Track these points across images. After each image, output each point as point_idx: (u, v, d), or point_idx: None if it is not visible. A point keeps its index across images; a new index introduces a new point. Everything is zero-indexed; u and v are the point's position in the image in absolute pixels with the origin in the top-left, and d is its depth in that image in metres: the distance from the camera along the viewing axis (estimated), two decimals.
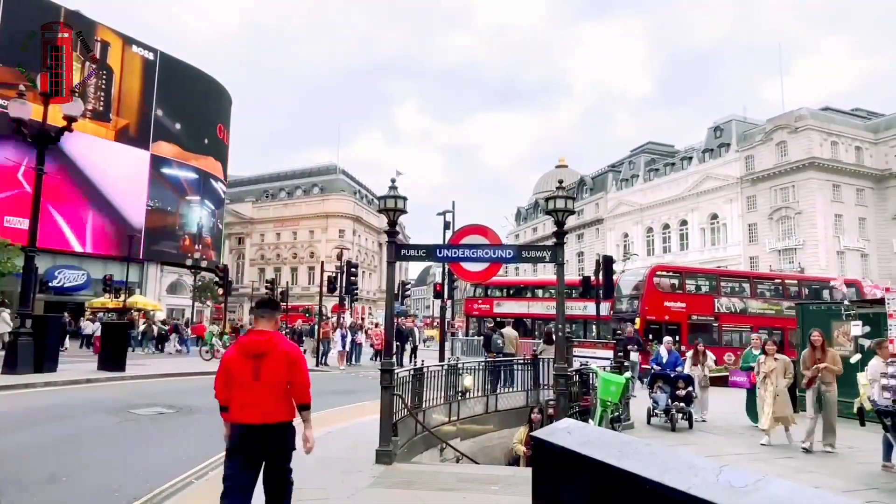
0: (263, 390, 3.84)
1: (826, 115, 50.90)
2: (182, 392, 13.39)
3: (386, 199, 7.41)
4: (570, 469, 2.47)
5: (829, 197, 47.57)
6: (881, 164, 47.08)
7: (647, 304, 21.45)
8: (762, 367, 9.08)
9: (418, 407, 9.39)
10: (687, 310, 21.34)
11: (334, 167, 79.07)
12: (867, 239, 48.15)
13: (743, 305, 22.58)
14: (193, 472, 6.57)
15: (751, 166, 51.32)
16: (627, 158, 70.15)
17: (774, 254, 48.70)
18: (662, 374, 10.92)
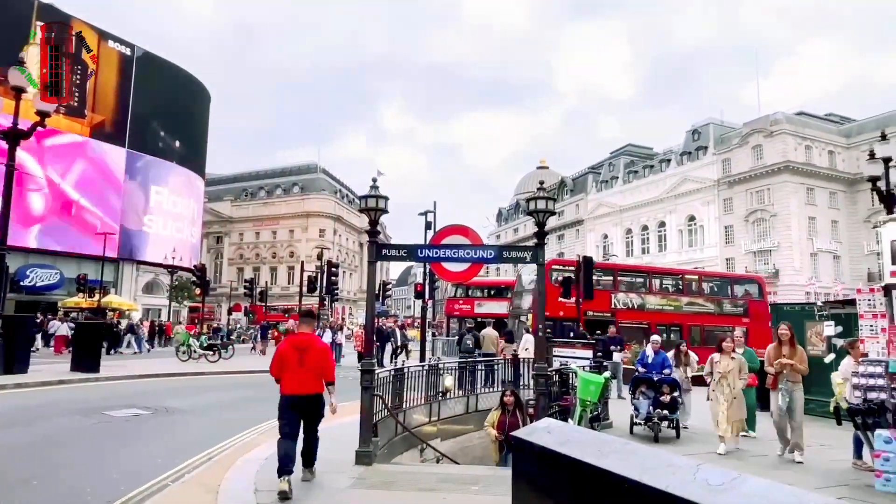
0: (306, 373, 5.80)
1: (801, 120, 51.97)
2: (159, 393, 13.18)
3: (367, 198, 7.37)
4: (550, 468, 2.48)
5: (803, 200, 48.57)
6: (853, 168, 48.20)
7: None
8: (718, 366, 8.26)
9: (399, 407, 9.36)
10: (583, 305, 20.65)
11: (315, 166, 78.52)
12: (839, 241, 49.26)
13: (641, 301, 22.06)
14: (169, 475, 6.46)
15: (727, 169, 52.18)
16: (607, 160, 70.82)
17: (750, 255, 49.58)
18: (645, 378, 9.86)
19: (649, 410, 9.26)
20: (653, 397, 9.43)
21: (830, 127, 54.01)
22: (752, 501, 1.77)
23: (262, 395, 13.84)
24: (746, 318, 22.79)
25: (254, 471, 6.49)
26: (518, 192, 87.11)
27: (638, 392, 9.72)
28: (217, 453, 7.62)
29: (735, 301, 23.73)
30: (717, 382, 8.19)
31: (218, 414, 11.17)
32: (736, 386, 8.07)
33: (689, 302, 22.47)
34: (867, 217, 46.71)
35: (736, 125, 55.03)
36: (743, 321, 22.40)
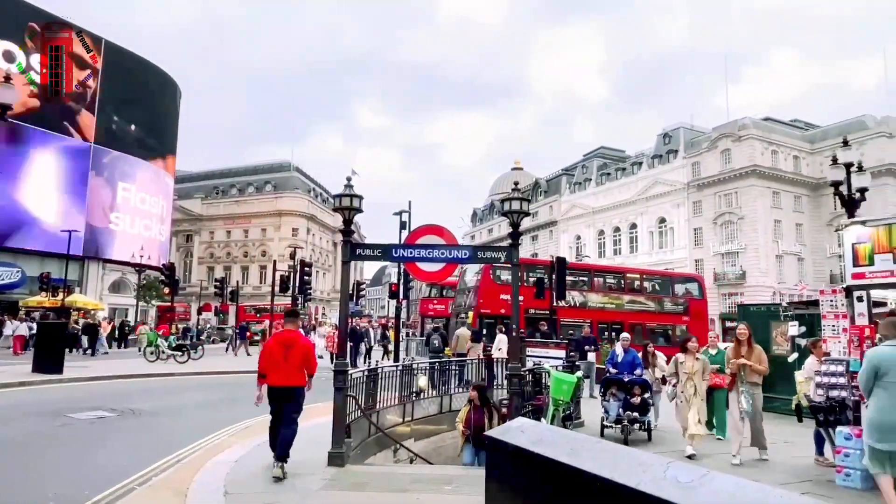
0: (289, 367, 6.36)
1: (767, 125, 53.34)
2: (126, 395, 12.87)
3: (341, 197, 7.32)
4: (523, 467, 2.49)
5: (769, 203, 49.85)
6: (817, 173, 49.67)
7: (482, 297, 20.60)
8: (683, 367, 8.00)
9: (372, 408, 9.31)
10: (524, 303, 20.40)
11: (288, 164, 77.61)
12: (803, 244, 50.69)
13: (583, 299, 21.75)
14: (136, 478, 6.31)
15: (697, 172, 53.27)
16: (581, 162, 71.62)
17: (718, 257, 50.66)
18: (616, 380, 9.56)
19: (619, 412, 9.08)
20: (623, 399, 9.21)
21: (795, 132, 55.58)
22: (720, 498, 1.81)
23: (233, 396, 13.63)
24: (686, 316, 22.92)
25: (224, 473, 6.38)
26: (493, 193, 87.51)
27: (608, 394, 9.48)
28: (186, 456, 7.47)
29: (675, 299, 23.72)
30: (683, 384, 7.98)
31: (187, 416, 10.95)
32: (700, 387, 7.91)
33: (631, 300, 22.47)
34: (830, 220, 48.18)
35: (705, 130, 56.22)
36: (683, 319, 22.68)
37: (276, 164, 78.45)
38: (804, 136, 55.18)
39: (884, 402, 4.84)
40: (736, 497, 1.77)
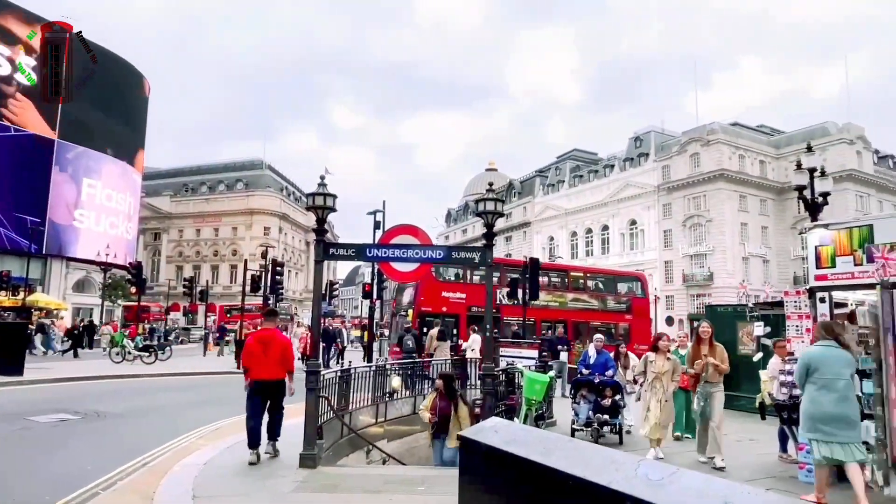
0: (269, 362, 6.94)
1: (735, 130, 54.65)
2: (90, 397, 12.52)
3: (314, 196, 7.24)
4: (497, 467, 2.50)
5: (736, 206, 51.07)
6: (782, 178, 51.07)
7: (424, 295, 19.85)
8: (652, 366, 7.55)
9: (345, 409, 9.24)
10: (467, 301, 19.70)
11: (260, 162, 76.54)
12: (769, 246, 52.06)
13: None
14: (100, 483, 6.13)
15: (667, 175, 54.27)
16: (554, 164, 72.31)
17: (687, 259, 51.69)
18: (585, 381, 9.33)
19: (589, 415, 8.83)
20: (594, 401, 8.95)
21: (762, 138, 57.07)
22: (689, 494, 1.84)
23: (203, 397, 13.40)
24: (629, 314, 22.84)
25: (192, 476, 6.25)
26: (467, 194, 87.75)
27: (578, 395, 9.20)
28: (153, 459, 7.30)
29: (618, 298, 23.54)
30: (651, 383, 7.55)
31: (154, 418, 10.71)
32: (669, 388, 7.48)
33: (575, 298, 22.17)
34: (794, 224, 49.58)
35: (675, 134, 57.33)
36: (626, 318, 22.56)
37: (247, 161, 77.28)
38: (770, 141, 56.70)
39: (814, 396, 5.39)
40: (704, 493, 1.80)
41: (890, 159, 59.85)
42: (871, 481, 5.66)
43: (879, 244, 6.20)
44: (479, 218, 7.78)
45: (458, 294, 19.90)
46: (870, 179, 52.33)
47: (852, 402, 5.40)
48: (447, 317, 19.35)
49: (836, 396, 5.27)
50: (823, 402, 5.29)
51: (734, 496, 1.74)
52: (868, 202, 51.61)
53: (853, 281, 6.42)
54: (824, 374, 5.34)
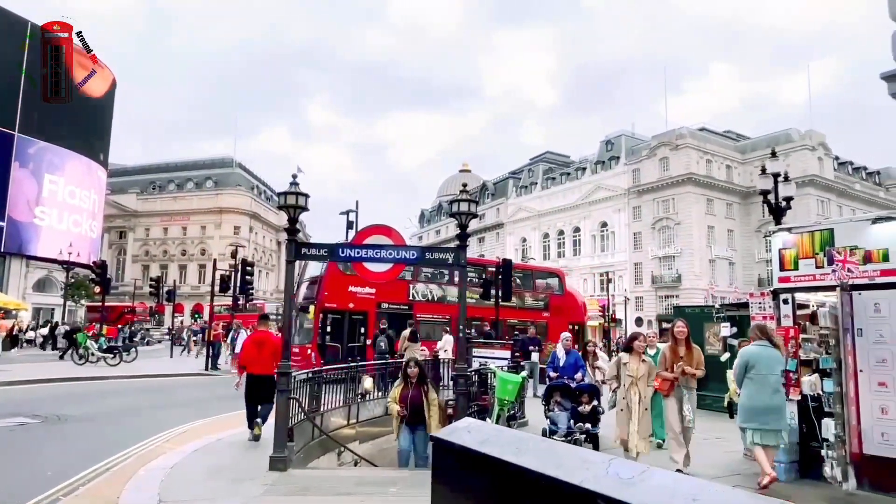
0: (262, 359, 8.16)
1: (703, 135, 55.91)
2: (50, 399, 12.12)
3: (286, 195, 7.16)
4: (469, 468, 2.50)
5: (704, 210, 52.24)
6: (747, 182, 52.44)
7: (328, 289, 17.81)
8: (626, 369, 6.74)
9: (316, 411, 9.14)
10: (377, 297, 18.25)
11: (230, 160, 75.31)
12: (734, 249, 53.38)
13: (441, 293, 19.77)
14: (61, 489, 5.94)
15: (637, 179, 55.22)
16: (527, 166, 72.92)
17: (656, 260, 52.65)
18: (560, 386, 8.49)
19: (570, 425, 7.90)
20: (571, 408, 8.12)
21: (728, 143, 58.53)
22: (659, 492, 1.87)
23: (169, 401, 13.11)
24: (547, 312, 21.88)
25: (158, 480, 6.11)
26: (441, 195, 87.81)
27: (552, 402, 8.27)
28: (117, 463, 7.11)
29: (536, 294, 22.40)
30: (626, 389, 6.74)
31: (118, 421, 10.43)
32: (646, 394, 6.74)
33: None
34: (758, 227, 50.95)
35: (646, 138, 58.39)
36: (543, 315, 21.50)
37: (217, 159, 75.96)
38: (736, 146, 58.18)
39: (751, 391, 6.01)
40: (674, 491, 1.83)
41: (850, 165, 62.01)
42: (831, 477, 5.84)
43: (840, 247, 6.40)
44: (452, 219, 7.79)
45: (366, 289, 17.92)
46: (830, 185, 54.10)
47: (782, 395, 6.10)
48: (354, 314, 18.03)
49: (771, 390, 5.96)
50: (760, 395, 5.94)
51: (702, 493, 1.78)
52: (829, 207, 53.36)
53: (815, 283, 6.62)
54: (760, 371, 5.99)
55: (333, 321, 17.79)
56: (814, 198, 51.46)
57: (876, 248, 6.15)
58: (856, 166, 63.16)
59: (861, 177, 62.76)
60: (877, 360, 5.94)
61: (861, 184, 60.92)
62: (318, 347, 17.17)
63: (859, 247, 6.27)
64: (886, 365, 5.88)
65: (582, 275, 57.72)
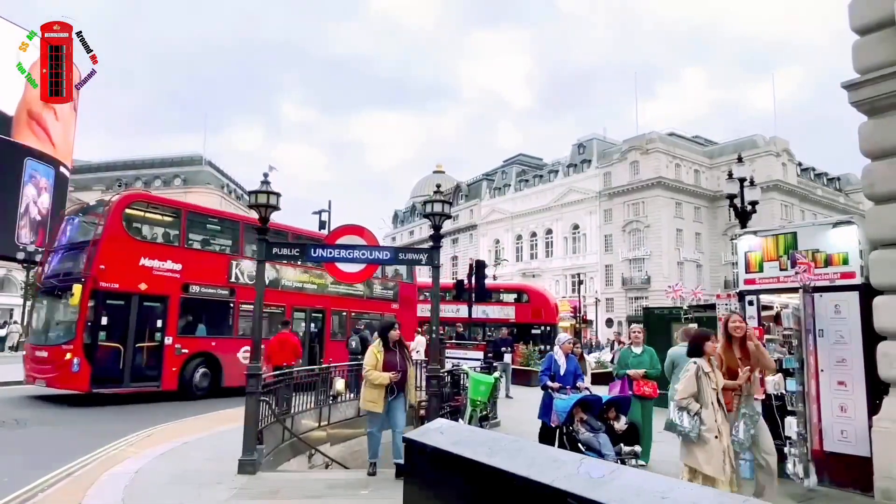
0: (283, 354, 11.03)
1: (672, 140, 57.07)
2: (7, 402, 11.69)
3: (257, 194, 7.05)
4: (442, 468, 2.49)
5: (672, 213, 53.30)
6: (714, 186, 53.67)
7: (105, 260, 11.98)
8: (707, 381, 4.88)
9: (286, 413, 9.02)
10: (183, 275, 13.17)
11: (199, 157, 73.97)
12: (702, 251, 54.58)
13: (275, 275, 15.00)
14: (19, 496, 5.72)
15: (608, 182, 56.05)
16: (501, 168, 73.38)
17: (626, 262, 53.49)
18: (592, 401, 6.67)
19: (615, 450, 6.28)
20: (605, 428, 6.50)
21: (696, 148, 59.87)
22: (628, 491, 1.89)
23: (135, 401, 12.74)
24: (396, 303, 19.49)
25: (122, 485, 5.94)
26: (414, 195, 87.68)
27: (577, 420, 6.44)
28: (78, 468, 6.89)
29: (385, 282, 19.38)
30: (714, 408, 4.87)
31: (81, 425, 10.11)
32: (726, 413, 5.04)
33: (337, 280, 15.43)
34: (725, 230, 52.20)
35: (617, 141, 59.32)
36: (392, 307, 19.02)
37: (186, 156, 74.51)
38: (704, 151, 59.54)
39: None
40: (644, 490, 1.85)
41: (812, 171, 64.01)
42: (793, 473, 5.99)
43: (802, 250, 6.59)
44: (426, 219, 7.78)
45: (168, 264, 12.95)
46: (793, 190, 55.76)
47: None
48: (147, 299, 12.58)
49: None
50: None
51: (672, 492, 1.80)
52: (792, 211, 54.98)
53: (779, 285, 6.80)
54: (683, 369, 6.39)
55: (113, 310, 12.13)
56: (778, 202, 52.97)
57: (836, 252, 6.35)
58: (817, 172, 65.25)
59: (822, 182, 64.85)
60: (837, 360, 6.14)
61: (822, 189, 62.94)
62: (84, 350, 11.53)
63: (820, 250, 6.47)
64: (846, 365, 6.08)
65: (554, 276, 58.29)
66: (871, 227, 6.03)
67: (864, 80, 5.87)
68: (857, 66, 5.99)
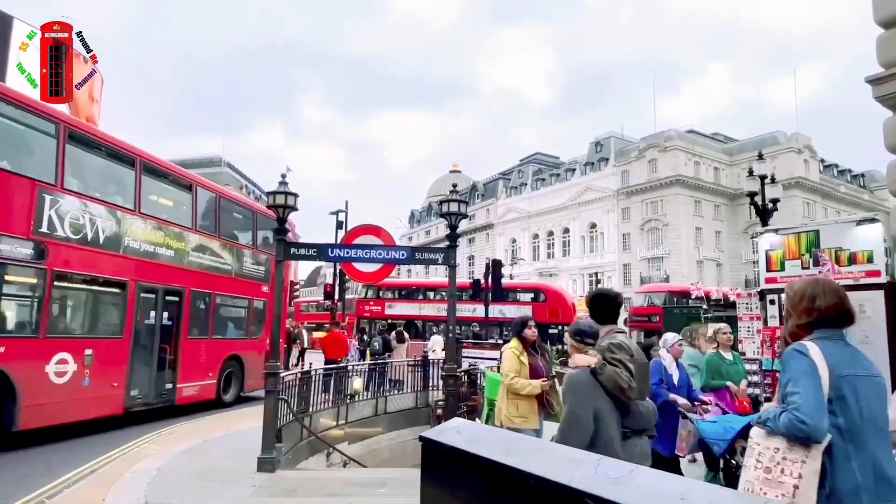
0: (336, 349, 14.09)
1: (691, 137, 56.37)
2: None
3: (275, 194, 7.12)
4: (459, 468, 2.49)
5: (692, 211, 52.65)
6: (734, 184, 52.92)
7: None
8: None
9: (305, 411, 9.10)
10: None
11: (219, 159, 74.83)
12: (722, 250, 53.85)
13: (113, 226, 9.34)
14: (45, 491, 5.85)
15: (626, 180, 55.55)
16: (517, 167, 73.14)
17: (644, 262, 52.98)
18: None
19: None
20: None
21: (716, 145, 59.07)
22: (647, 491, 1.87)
23: None
24: (266, 284, 13.27)
25: (144, 482, 6.05)
26: (431, 195, 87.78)
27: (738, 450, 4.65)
28: (101, 465, 7.02)
29: (257, 253, 13.40)
30: None
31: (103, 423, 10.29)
32: None
33: (201, 246, 11.47)
34: (745, 228, 51.40)
35: (635, 139, 58.76)
36: (262, 290, 13.33)
37: (205, 158, 75.33)
38: (724, 148, 58.72)
39: None
40: (663, 490, 1.84)
41: (835, 168, 62.80)
42: None
43: (825, 248, 6.48)
44: (442, 219, 7.79)
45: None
46: (816, 187, 54.76)
47: None
48: None
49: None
50: None
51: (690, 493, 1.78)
52: (814, 209, 54.01)
53: None
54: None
55: None
56: (800, 199, 52.06)
57: (860, 250, 6.23)
58: (841, 169, 64.00)
59: (846, 179, 63.60)
60: None
61: (846, 186, 61.73)
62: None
63: (844, 248, 6.35)
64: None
65: (571, 275, 57.95)
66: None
67: (889, 74, 5.74)
68: (881, 59, 5.85)
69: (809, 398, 2.16)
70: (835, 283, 2.62)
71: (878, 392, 2.26)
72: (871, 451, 2.14)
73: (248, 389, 12.83)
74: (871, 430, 2.18)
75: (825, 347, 2.25)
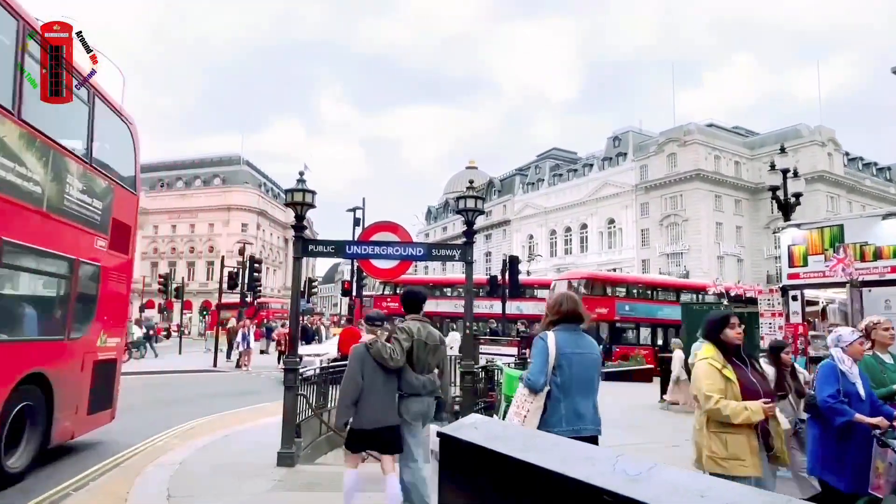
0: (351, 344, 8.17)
1: (711, 131, 55.56)
2: None
3: (293, 192, 7.18)
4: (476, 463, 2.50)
5: (712, 206, 51.93)
6: (756, 178, 52.06)
7: None
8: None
9: (323, 407, 9.18)
10: None
11: (238, 157, 75.59)
12: (743, 245, 53.05)
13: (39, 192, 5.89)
14: (72, 483, 6.00)
15: (644, 175, 54.96)
16: (534, 163, 72.77)
17: (664, 257, 52.42)
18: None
19: None
20: None
21: (736, 139, 58.14)
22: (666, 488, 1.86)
23: (177, 396, 13.18)
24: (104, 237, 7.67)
25: (167, 476, 6.15)
26: (447, 192, 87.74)
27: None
28: (125, 459, 7.17)
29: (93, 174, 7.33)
30: None
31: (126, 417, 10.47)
32: None
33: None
34: (767, 224, 50.59)
35: (653, 133, 58.08)
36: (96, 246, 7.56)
37: (224, 157, 76.24)
38: (744, 142, 57.78)
39: None
40: (681, 487, 1.82)
41: (860, 161, 61.46)
42: None
43: (849, 243, 6.35)
44: (459, 216, 7.79)
45: None
46: (840, 181, 53.65)
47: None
48: None
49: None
50: None
51: (710, 490, 1.77)
52: (838, 203, 52.92)
53: (824, 279, 6.58)
54: None
55: None
56: (823, 194, 51.06)
57: (886, 245, 6.10)
58: (866, 162, 62.60)
59: (871, 173, 62.19)
60: None
61: (871, 180, 60.37)
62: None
63: (869, 243, 6.22)
64: None
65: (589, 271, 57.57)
66: None
67: None
68: None
69: (535, 367, 3.55)
70: (574, 295, 3.91)
71: (587, 363, 3.62)
72: (573, 398, 3.52)
73: (60, 438, 6.81)
74: (577, 387, 3.53)
75: (559, 336, 3.56)
